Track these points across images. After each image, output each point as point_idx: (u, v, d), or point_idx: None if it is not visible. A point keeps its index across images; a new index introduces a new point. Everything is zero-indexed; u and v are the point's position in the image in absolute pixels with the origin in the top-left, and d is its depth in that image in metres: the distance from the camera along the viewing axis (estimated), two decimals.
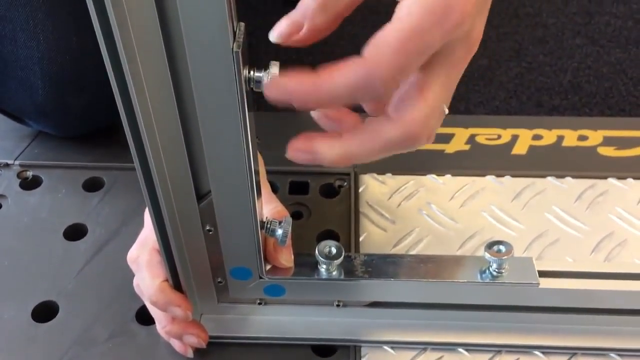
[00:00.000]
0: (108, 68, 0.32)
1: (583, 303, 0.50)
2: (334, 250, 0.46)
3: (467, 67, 0.37)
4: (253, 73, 0.34)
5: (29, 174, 0.67)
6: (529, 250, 0.58)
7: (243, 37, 0.33)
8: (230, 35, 0.31)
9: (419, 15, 0.31)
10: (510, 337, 0.51)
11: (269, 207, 0.47)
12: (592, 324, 0.51)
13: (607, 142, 0.70)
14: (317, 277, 0.47)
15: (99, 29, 0.31)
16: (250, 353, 0.51)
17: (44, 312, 0.54)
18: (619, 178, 0.65)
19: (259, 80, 0.34)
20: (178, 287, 0.47)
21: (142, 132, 0.36)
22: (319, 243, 0.46)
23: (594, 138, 0.70)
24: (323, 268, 0.47)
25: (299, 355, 0.51)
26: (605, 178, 0.65)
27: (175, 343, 0.50)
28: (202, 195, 0.41)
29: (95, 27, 0.31)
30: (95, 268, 0.58)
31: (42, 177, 0.67)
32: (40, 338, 0.52)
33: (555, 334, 0.51)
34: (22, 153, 0.69)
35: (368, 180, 0.65)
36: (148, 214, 0.42)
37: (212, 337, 0.50)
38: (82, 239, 0.61)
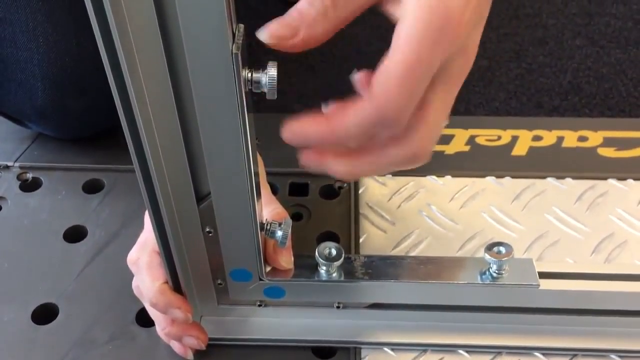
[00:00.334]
0: (107, 70, 0.32)
1: (583, 304, 0.50)
2: (334, 252, 0.46)
3: None
4: (252, 74, 0.34)
5: (29, 176, 0.67)
6: (529, 252, 0.58)
7: (242, 38, 0.33)
8: (230, 37, 0.31)
9: (418, 42, 0.31)
10: (511, 338, 0.51)
11: (269, 208, 0.47)
12: (592, 325, 0.51)
13: (607, 142, 0.70)
14: (317, 278, 0.47)
15: (98, 31, 0.31)
16: (250, 355, 0.51)
17: (44, 314, 0.54)
18: (619, 179, 0.65)
19: (258, 81, 0.34)
20: (178, 289, 0.47)
21: (141, 134, 0.36)
22: (319, 245, 0.46)
23: (594, 139, 0.70)
24: (323, 270, 0.47)
25: (299, 357, 0.51)
26: (606, 179, 0.65)
27: (175, 345, 0.50)
28: (201, 197, 0.41)
29: (95, 29, 0.31)
30: (95, 270, 0.58)
31: (42, 179, 0.67)
32: (40, 340, 0.52)
33: (556, 335, 0.51)
34: (22, 155, 0.69)
35: (368, 182, 0.65)
36: (148, 216, 0.42)
37: (212, 339, 0.50)
38: (82, 241, 0.61)
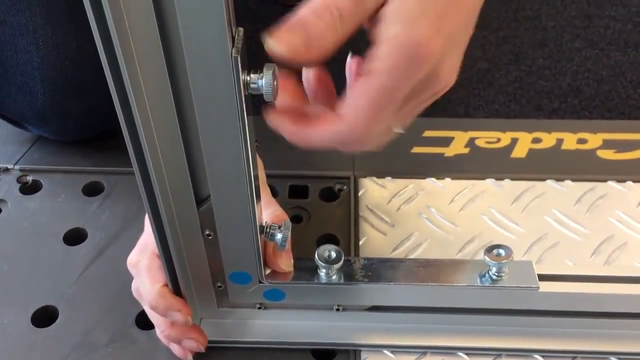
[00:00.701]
0: (107, 73, 0.33)
1: (583, 306, 0.50)
2: (334, 255, 0.46)
3: (466, 71, 0.37)
4: (251, 77, 0.34)
5: (29, 179, 0.67)
6: (529, 254, 0.58)
7: (242, 42, 0.33)
8: (229, 41, 0.32)
9: (388, 72, 0.33)
10: (510, 340, 0.51)
11: (269, 211, 0.47)
12: (592, 328, 0.51)
13: (606, 145, 0.70)
14: (316, 281, 0.47)
15: (98, 35, 0.31)
16: (250, 357, 0.51)
17: (44, 317, 0.54)
18: (619, 181, 0.65)
19: (255, 84, 0.34)
20: (178, 291, 0.47)
21: (141, 137, 0.36)
22: (319, 247, 0.46)
23: (594, 141, 0.70)
24: (323, 272, 0.47)
25: None
26: (605, 181, 0.65)
27: (175, 347, 0.50)
28: (201, 200, 0.41)
29: (94, 33, 0.31)
30: (95, 273, 0.58)
31: (42, 181, 0.67)
32: (40, 343, 0.52)
33: (555, 338, 0.51)
34: (22, 158, 0.69)
35: (368, 184, 0.65)
36: (148, 219, 0.42)
37: (211, 341, 0.50)
38: (81, 244, 0.61)
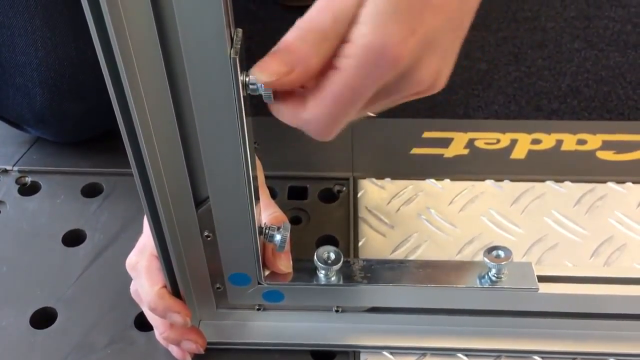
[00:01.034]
0: (105, 75, 0.32)
1: (582, 308, 0.49)
2: (333, 256, 0.46)
3: (466, 71, 0.37)
4: (250, 78, 0.34)
5: (28, 180, 0.67)
6: (528, 255, 0.58)
7: (240, 43, 0.33)
8: (228, 42, 0.32)
9: (351, 71, 0.33)
10: (510, 342, 0.51)
11: (268, 212, 0.47)
12: (591, 329, 0.51)
13: (606, 146, 0.70)
14: (315, 282, 0.47)
15: (97, 37, 0.31)
16: (249, 359, 0.51)
17: (43, 318, 0.54)
18: (618, 182, 0.65)
19: (254, 84, 0.34)
20: (177, 293, 0.47)
21: (139, 138, 0.36)
22: (318, 249, 0.46)
23: (593, 142, 0.70)
24: (322, 274, 0.47)
25: None
26: (605, 182, 0.65)
27: (174, 349, 0.50)
28: (200, 201, 0.41)
29: (93, 35, 0.31)
30: (94, 274, 0.58)
31: (40, 182, 0.67)
32: (39, 344, 0.52)
33: (555, 339, 0.51)
34: (20, 159, 0.69)
35: (367, 185, 0.65)
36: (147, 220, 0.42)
37: (210, 343, 0.50)
38: (80, 245, 0.61)
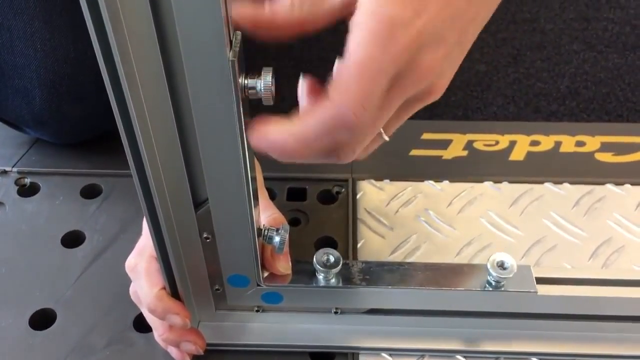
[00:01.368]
0: (105, 77, 0.32)
1: (581, 310, 0.50)
2: (332, 259, 0.46)
3: (465, 73, 0.37)
4: (249, 81, 0.34)
5: (27, 181, 0.67)
6: (527, 257, 0.58)
7: (239, 45, 0.33)
8: (227, 45, 0.32)
9: (366, 42, 0.32)
10: (508, 344, 0.51)
11: (266, 214, 0.47)
12: (590, 331, 0.51)
13: (604, 147, 0.70)
14: (314, 284, 0.47)
15: (96, 39, 0.31)
16: None
17: (42, 319, 0.54)
18: (617, 184, 0.65)
19: (254, 88, 0.34)
20: (176, 295, 0.47)
21: (138, 140, 0.36)
22: (317, 251, 0.46)
23: (592, 144, 0.71)
24: (321, 276, 0.47)
25: None
26: (603, 184, 0.65)
27: (173, 351, 0.50)
28: (199, 203, 0.41)
29: (92, 37, 0.31)
30: (93, 275, 0.58)
31: (39, 184, 0.67)
32: (38, 346, 0.52)
33: (554, 341, 0.51)
34: (19, 160, 0.69)
35: (366, 187, 0.65)
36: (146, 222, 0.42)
37: (209, 344, 0.50)
38: (79, 246, 0.61)
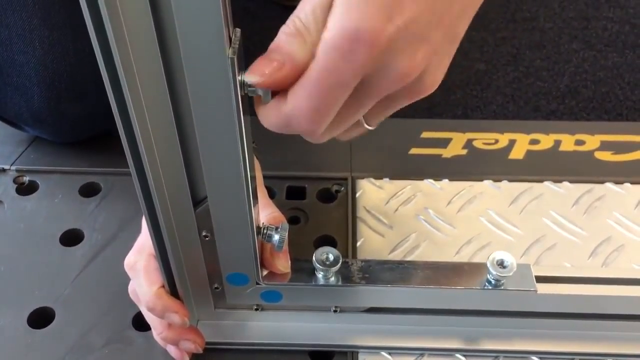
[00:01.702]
0: (104, 75, 0.32)
1: (581, 308, 0.50)
2: (332, 257, 0.46)
3: (464, 72, 0.37)
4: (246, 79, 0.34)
5: (26, 179, 0.67)
6: (527, 255, 0.58)
7: (239, 43, 0.33)
8: (226, 42, 0.31)
9: (326, 57, 0.32)
10: (508, 342, 0.51)
11: (265, 212, 0.47)
12: (590, 330, 0.51)
13: (604, 146, 0.70)
14: (314, 283, 0.47)
15: (95, 37, 0.31)
16: (247, 359, 0.51)
17: (40, 318, 0.54)
18: (617, 183, 0.65)
19: (252, 85, 0.34)
20: (175, 293, 0.47)
21: (138, 138, 0.36)
22: (316, 250, 0.46)
23: (591, 143, 0.70)
24: (320, 274, 0.47)
25: None
26: (603, 183, 0.65)
27: (172, 349, 0.50)
28: (198, 201, 0.41)
29: (91, 35, 0.31)
30: (92, 274, 0.58)
31: (38, 182, 0.67)
32: (37, 344, 0.52)
33: (553, 340, 0.51)
34: (18, 158, 0.69)
35: (365, 185, 0.65)
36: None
37: (208, 343, 0.50)
38: (78, 245, 0.60)
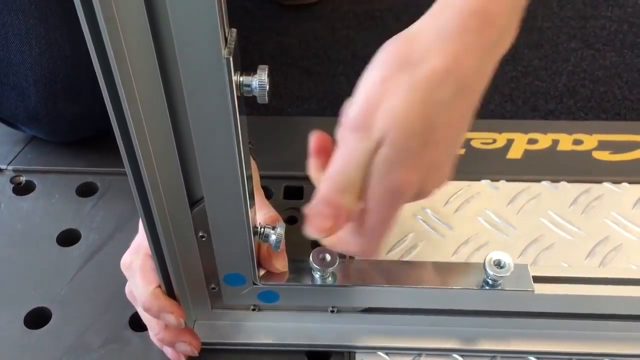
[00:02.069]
0: (99, 75, 0.32)
1: (578, 308, 0.49)
2: (329, 257, 0.46)
3: None
4: (244, 78, 0.34)
5: (22, 179, 0.67)
6: (524, 255, 0.58)
7: (234, 43, 0.33)
8: (222, 42, 0.31)
9: (379, 209, 0.38)
10: (505, 342, 0.51)
11: (262, 212, 0.47)
12: (587, 330, 0.51)
13: (602, 146, 0.70)
14: (311, 283, 0.47)
15: (90, 37, 0.31)
16: (244, 359, 0.51)
17: (37, 318, 0.54)
18: (614, 182, 0.65)
19: (249, 85, 0.34)
20: (171, 293, 0.47)
21: (133, 138, 0.35)
22: (313, 250, 0.46)
23: (589, 142, 0.70)
24: (317, 274, 0.47)
25: None
26: (600, 182, 0.65)
27: (168, 351, 0.50)
28: (194, 202, 0.41)
29: (85, 33, 0.30)
30: (89, 274, 0.58)
31: (35, 182, 0.67)
32: (33, 345, 0.52)
33: (550, 340, 0.51)
34: (15, 158, 0.69)
35: None
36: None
37: (205, 343, 0.50)
38: (75, 245, 0.60)
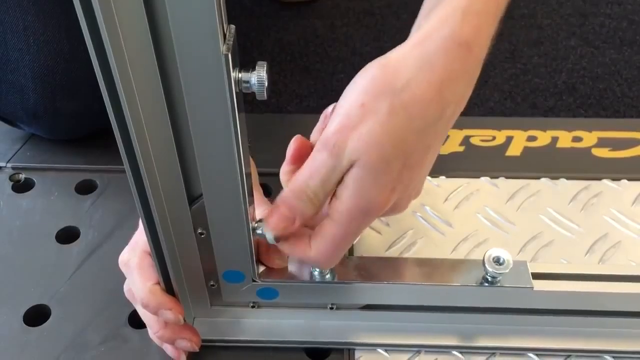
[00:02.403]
0: (97, 72, 0.32)
1: (577, 305, 0.49)
2: None
3: None
4: (242, 74, 0.34)
5: (21, 177, 0.67)
6: (524, 252, 0.58)
7: (233, 39, 0.32)
8: (221, 38, 0.31)
9: (343, 223, 0.40)
10: (504, 339, 0.51)
11: (261, 209, 0.47)
12: (586, 326, 0.51)
13: (601, 143, 0.70)
14: (310, 280, 0.47)
15: (88, 32, 0.31)
16: (244, 356, 0.51)
17: (36, 316, 0.54)
18: (614, 179, 0.65)
19: (247, 82, 0.34)
20: (170, 290, 0.47)
21: (132, 135, 0.35)
22: None
23: (589, 139, 0.70)
24: (316, 271, 0.47)
25: (293, 359, 0.51)
26: (600, 179, 0.65)
27: (168, 348, 0.50)
28: (193, 199, 0.41)
29: (84, 30, 0.30)
30: (88, 271, 0.58)
31: (34, 180, 0.67)
32: (32, 342, 0.52)
33: (550, 336, 0.51)
34: (14, 156, 0.69)
35: None
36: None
37: (205, 340, 0.50)
38: (74, 242, 0.60)
